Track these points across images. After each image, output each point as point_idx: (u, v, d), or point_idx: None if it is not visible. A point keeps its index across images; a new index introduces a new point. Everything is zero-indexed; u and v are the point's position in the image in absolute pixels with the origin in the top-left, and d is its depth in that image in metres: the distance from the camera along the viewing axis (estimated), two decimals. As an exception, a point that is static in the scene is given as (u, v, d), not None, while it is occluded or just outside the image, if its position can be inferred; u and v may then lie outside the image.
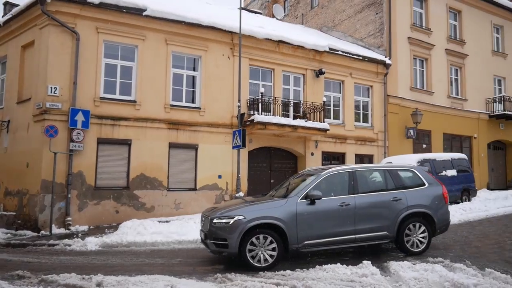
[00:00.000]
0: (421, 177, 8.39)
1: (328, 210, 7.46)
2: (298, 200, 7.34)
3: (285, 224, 7.10)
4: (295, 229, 7.16)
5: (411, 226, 7.92)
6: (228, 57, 15.06)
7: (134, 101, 13.23)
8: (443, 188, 8.46)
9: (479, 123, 22.58)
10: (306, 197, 7.36)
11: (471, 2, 23.10)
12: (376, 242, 7.92)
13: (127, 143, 13.03)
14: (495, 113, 22.85)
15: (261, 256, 7.00)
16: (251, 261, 6.96)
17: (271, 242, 7.05)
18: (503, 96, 23.14)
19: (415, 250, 7.89)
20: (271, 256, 7.04)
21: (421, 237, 7.98)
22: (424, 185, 8.29)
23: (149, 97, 13.46)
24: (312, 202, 7.34)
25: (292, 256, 7.62)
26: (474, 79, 22.68)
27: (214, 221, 7.10)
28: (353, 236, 7.54)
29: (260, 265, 6.96)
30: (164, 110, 13.67)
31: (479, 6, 23.54)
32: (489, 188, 22.00)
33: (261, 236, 7.03)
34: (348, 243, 7.62)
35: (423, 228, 7.98)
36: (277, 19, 22.42)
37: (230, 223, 6.97)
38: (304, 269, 6.70)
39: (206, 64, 14.61)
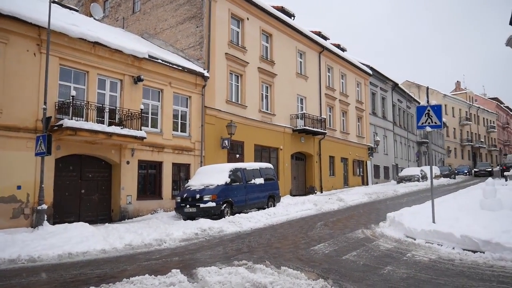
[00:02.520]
0: None
1: None
2: None
3: None
4: None
5: None
6: (34, 54, 13.51)
7: None
8: None
9: (285, 136, 25.21)
10: None
11: (280, 28, 25.80)
12: None
13: None
14: (297, 128, 25.84)
15: None
16: None
17: None
18: (304, 113, 26.39)
19: None
20: None
21: None
22: None
23: None
24: None
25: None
26: (281, 96, 25.28)
27: None
28: None
29: None
30: None
31: (287, 32, 26.45)
32: (291, 194, 24.63)
33: None
34: None
35: None
36: (95, 19, 21.16)
37: None
38: (110, 284, 6.36)
39: (5, 58, 12.79)
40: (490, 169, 46.06)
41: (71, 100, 13.62)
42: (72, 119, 13.42)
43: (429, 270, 6.83)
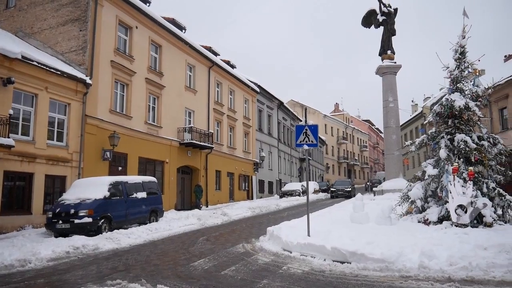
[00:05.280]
0: None
1: None
2: None
3: None
4: None
5: None
6: None
7: None
8: None
9: (171, 150, 24.78)
10: None
11: (171, 39, 25.54)
12: None
13: None
14: (184, 141, 25.62)
15: None
16: None
17: None
18: (192, 127, 26.31)
19: None
20: None
21: None
22: None
23: None
24: None
25: None
26: (169, 109, 24.90)
27: None
28: None
29: None
30: None
31: (177, 44, 26.27)
32: (176, 209, 24.18)
33: None
34: None
35: None
36: (-43, 10, 18.79)
37: None
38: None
39: None
40: (350, 189, 36.52)
41: None
42: None
43: (302, 281, 7.15)
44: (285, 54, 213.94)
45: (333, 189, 37.93)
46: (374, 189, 27.90)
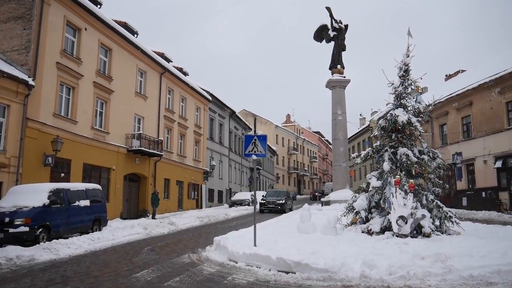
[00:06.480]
0: None
1: None
2: None
3: None
4: None
5: None
6: None
7: None
8: None
9: (118, 156, 24.05)
10: None
11: (121, 43, 24.93)
12: None
13: None
14: (132, 148, 24.96)
15: None
16: None
17: None
18: (141, 133, 25.70)
19: None
20: None
21: None
22: None
23: None
24: None
25: None
26: (117, 114, 24.19)
27: None
28: None
29: None
30: None
31: (128, 49, 25.69)
32: (122, 218, 23.42)
33: None
34: None
35: None
36: None
37: None
38: None
39: None
40: (283, 201, 29.65)
41: None
42: None
43: (246, 292, 7.11)
44: (240, 64, 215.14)
45: (262, 201, 29.88)
46: (322, 199, 28.44)
